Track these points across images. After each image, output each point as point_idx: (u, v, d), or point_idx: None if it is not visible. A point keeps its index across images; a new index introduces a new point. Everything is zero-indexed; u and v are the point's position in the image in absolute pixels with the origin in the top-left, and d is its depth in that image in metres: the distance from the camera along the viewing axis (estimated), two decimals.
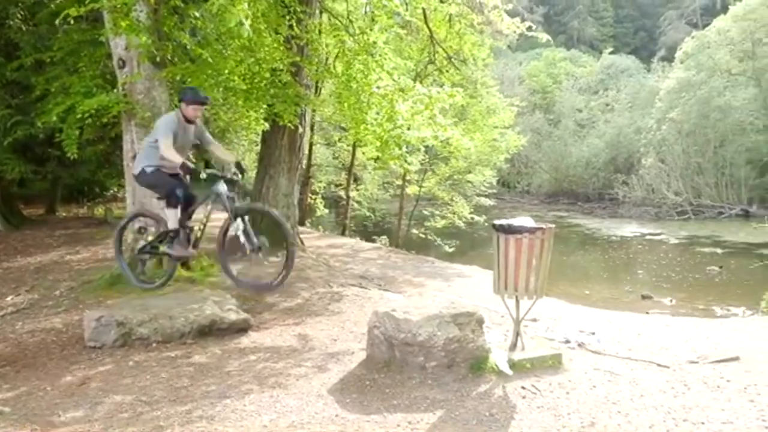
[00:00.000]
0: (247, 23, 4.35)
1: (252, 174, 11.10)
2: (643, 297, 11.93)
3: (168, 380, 3.99)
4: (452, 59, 12.69)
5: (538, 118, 39.35)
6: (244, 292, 5.69)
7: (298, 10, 7.98)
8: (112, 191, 15.10)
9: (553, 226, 4.34)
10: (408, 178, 14.28)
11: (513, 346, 4.31)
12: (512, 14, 10.62)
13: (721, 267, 14.41)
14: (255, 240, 4.87)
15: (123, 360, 4.46)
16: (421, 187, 14.61)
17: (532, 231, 4.09)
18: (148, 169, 5.12)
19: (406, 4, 9.22)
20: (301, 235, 10.34)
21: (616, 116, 36.27)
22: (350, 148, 14.51)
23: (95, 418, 3.40)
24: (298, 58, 8.13)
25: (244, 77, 7.23)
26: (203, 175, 4.82)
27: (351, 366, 4.16)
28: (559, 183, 36.18)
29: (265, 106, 8.06)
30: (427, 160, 14.53)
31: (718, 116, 28.00)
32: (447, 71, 13.16)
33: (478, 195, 14.95)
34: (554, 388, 3.79)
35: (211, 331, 4.97)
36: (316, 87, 12.75)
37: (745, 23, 29.70)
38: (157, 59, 6.59)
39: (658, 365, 4.63)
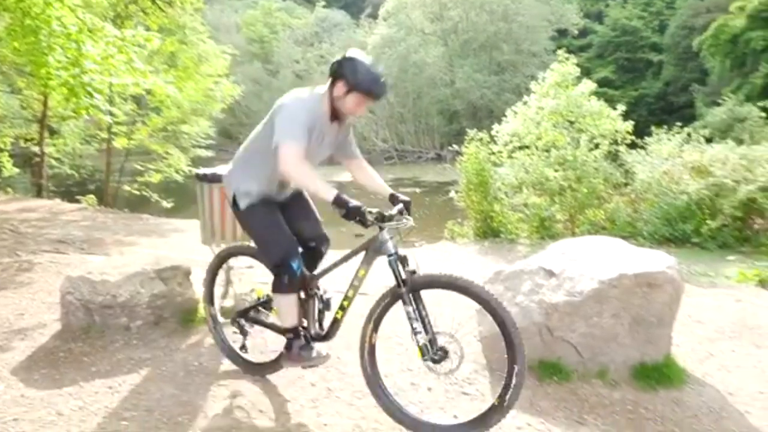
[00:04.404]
0: None
1: None
2: (356, 236, 13.05)
3: None
4: (156, 0, 11.75)
5: (257, 68, 39.16)
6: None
7: None
8: None
9: None
10: (114, 130, 12.96)
11: (225, 294, 4.34)
12: None
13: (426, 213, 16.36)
14: (434, 335, 2.67)
15: None
16: (130, 139, 13.41)
17: None
18: (249, 199, 2.90)
19: None
20: None
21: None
22: (42, 97, 12.51)
23: None
24: None
25: None
26: (370, 221, 2.60)
27: (42, 340, 3.72)
28: None
29: None
30: (136, 110, 13.37)
31: (415, 71, 31.49)
32: (152, 13, 12.15)
33: (195, 147, 14.38)
34: (263, 329, 3.94)
35: None
36: None
37: None
38: None
39: (360, 293, 5.16)
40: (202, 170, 4.24)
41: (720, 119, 19.28)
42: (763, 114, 15.04)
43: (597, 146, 9.82)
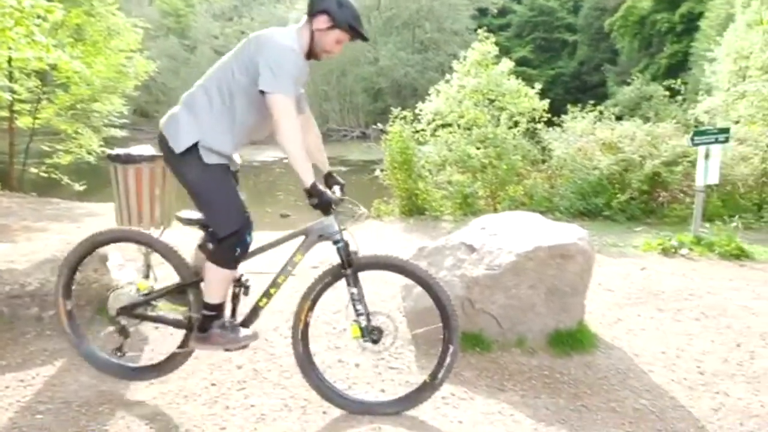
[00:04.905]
0: None
1: None
2: (282, 216, 12.90)
3: None
4: None
5: (173, 43, 37.52)
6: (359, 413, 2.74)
7: None
8: None
9: None
10: (17, 108, 12.07)
11: (145, 278, 4.20)
12: None
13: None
14: (368, 317, 2.68)
15: None
16: (35, 118, 12.54)
17: (151, 159, 3.95)
18: (210, 158, 2.53)
19: None
20: None
21: None
22: None
23: None
24: None
25: None
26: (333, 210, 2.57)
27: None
28: None
29: None
30: (41, 86, 12.48)
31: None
32: None
33: (108, 126, 13.62)
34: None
35: None
36: None
37: None
38: None
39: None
40: (116, 150, 4.05)
41: (629, 98, 20.34)
42: (667, 93, 15.99)
43: (516, 124, 10.13)
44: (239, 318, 2.79)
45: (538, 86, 10.57)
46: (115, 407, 2.74)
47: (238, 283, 2.78)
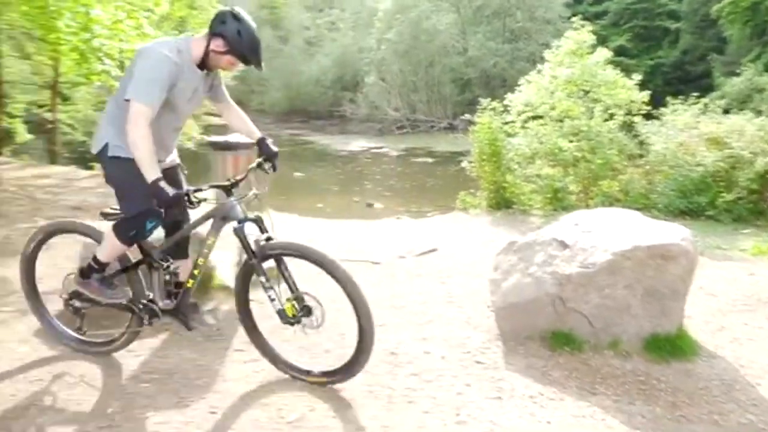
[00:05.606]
0: None
1: None
2: (368, 205, 13.09)
3: None
4: None
5: (267, 35, 38.66)
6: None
7: None
8: None
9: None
10: None
11: (239, 263, 4.39)
12: None
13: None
14: (300, 294, 2.78)
15: None
16: None
17: (248, 147, 4.11)
18: (117, 152, 2.69)
19: None
20: None
21: (341, 35, 37.60)
22: (52, 63, 12.45)
23: None
24: None
25: None
26: (202, 195, 2.64)
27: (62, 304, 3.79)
28: (291, 101, 36.61)
29: None
30: None
31: (427, 38, 30.98)
32: None
33: (208, 115, 14.31)
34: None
35: None
36: None
37: None
38: None
39: (372, 262, 5.21)
40: (216, 138, 4.26)
41: (738, 89, 18.91)
42: None
43: (612, 116, 9.69)
44: (174, 301, 2.94)
45: (637, 77, 10.05)
46: (211, 381, 2.89)
47: (167, 270, 2.92)
